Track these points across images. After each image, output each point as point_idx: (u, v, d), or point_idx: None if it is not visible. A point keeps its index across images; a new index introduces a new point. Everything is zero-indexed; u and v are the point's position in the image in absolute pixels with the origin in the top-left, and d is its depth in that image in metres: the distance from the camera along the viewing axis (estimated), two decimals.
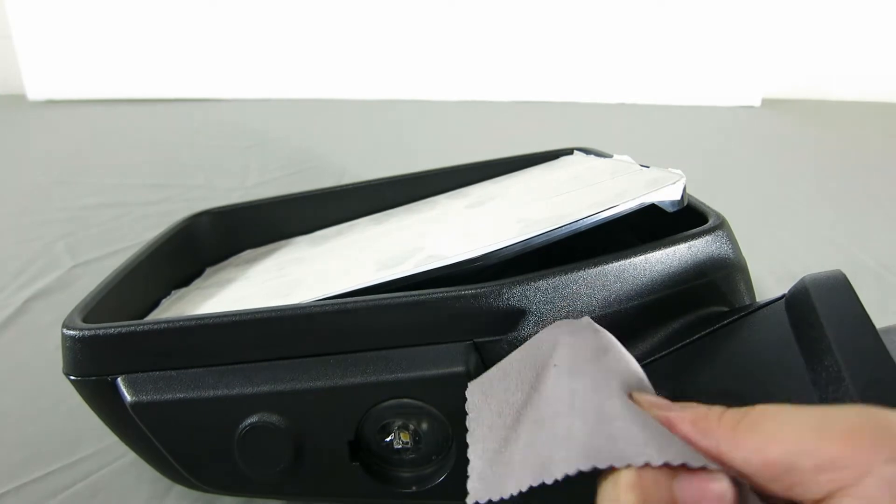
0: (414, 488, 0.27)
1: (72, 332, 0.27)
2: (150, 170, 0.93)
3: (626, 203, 0.28)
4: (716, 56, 1.34)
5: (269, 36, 1.34)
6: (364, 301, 0.26)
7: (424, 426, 0.27)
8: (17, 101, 1.30)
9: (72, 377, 0.28)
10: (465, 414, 0.25)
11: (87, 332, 0.27)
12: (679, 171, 0.31)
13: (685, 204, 0.30)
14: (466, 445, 0.22)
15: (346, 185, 0.45)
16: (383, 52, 1.36)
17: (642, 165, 0.35)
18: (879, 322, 0.23)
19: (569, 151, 0.46)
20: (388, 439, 0.27)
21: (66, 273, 0.62)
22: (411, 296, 0.26)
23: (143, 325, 0.27)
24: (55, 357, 0.29)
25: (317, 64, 1.36)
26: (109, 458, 0.39)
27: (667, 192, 0.29)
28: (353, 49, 1.36)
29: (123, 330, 0.27)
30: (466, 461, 0.26)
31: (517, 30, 1.35)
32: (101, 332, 0.27)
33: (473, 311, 0.25)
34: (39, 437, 0.41)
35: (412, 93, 1.37)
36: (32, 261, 0.65)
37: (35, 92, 1.31)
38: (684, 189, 0.30)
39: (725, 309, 0.29)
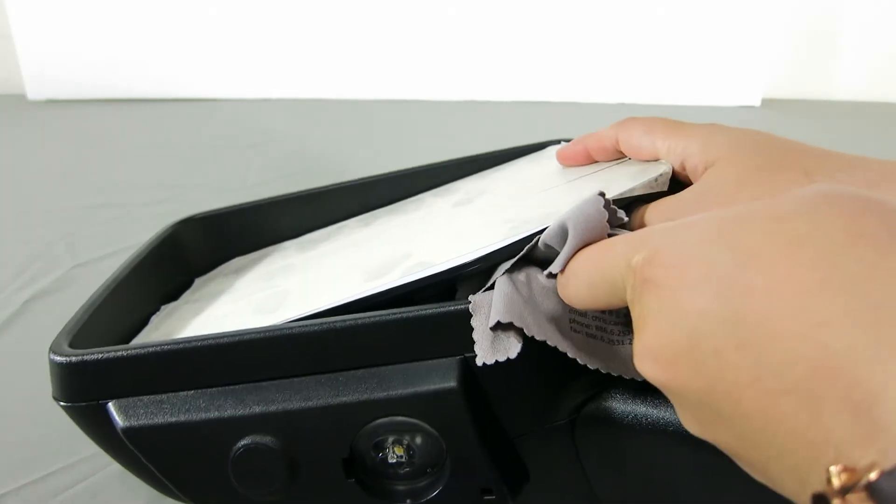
0: (409, 502, 0.27)
1: (60, 359, 0.27)
2: (151, 169, 0.93)
3: (612, 196, 0.28)
4: (716, 56, 1.34)
5: (269, 36, 1.34)
6: (353, 319, 0.26)
7: (418, 441, 0.27)
8: (17, 100, 1.30)
9: (61, 403, 0.28)
10: (459, 428, 0.25)
11: (74, 358, 0.27)
12: (665, 161, 0.30)
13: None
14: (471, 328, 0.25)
15: (334, 185, 0.45)
16: (383, 53, 1.36)
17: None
18: None
19: (556, 142, 0.46)
20: (381, 455, 0.27)
21: (67, 273, 0.63)
22: (400, 313, 0.26)
23: (132, 349, 0.27)
24: None
25: (317, 64, 1.36)
26: (109, 460, 0.38)
27: (654, 184, 0.29)
28: (354, 49, 1.36)
29: (112, 355, 0.27)
30: (461, 475, 0.26)
31: (517, 30, 1.35)
32: (88, 357, 0.27)
33: (463, 326, 0.25)
34: (40, 438, 0.41)
35: (412, 93, 1.37)
36: (33, 261, 0.65)
37: (35, 92, 1.31)
38: (670, 179, 0.30)
39: None
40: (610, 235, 0.23)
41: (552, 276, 0.24)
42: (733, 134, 0.28)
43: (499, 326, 0.24)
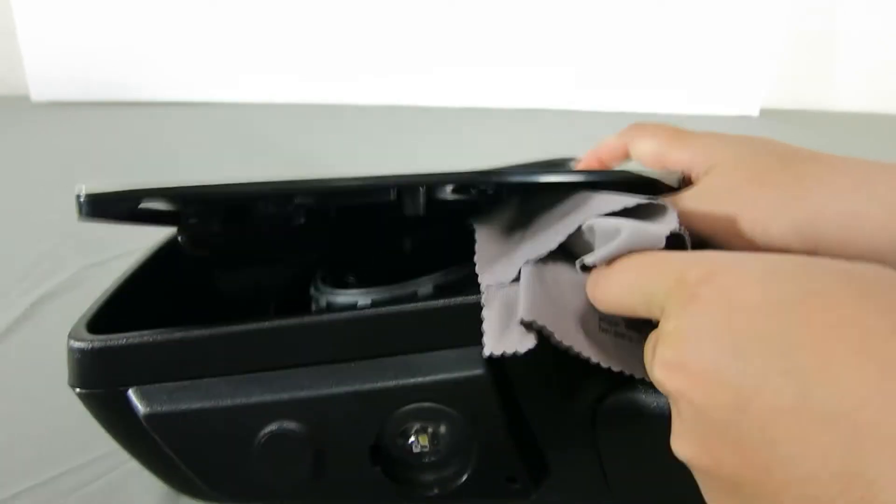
0: (436, 490, 0.28)
1: (80, 344, 0.27)
2: (155, 172, 0.93)
3: (631, 170, 0.30)
4: (714, 66, 1.35)
5: (271, 41, 1.35)
6: (383, 309, 0.26)
7: (444, 428, 0.27)
8: (21, 102, 1.30)
9: (78, 390, 0.28)
10: (487, 415, 0.26)
11: (96, 344, 0.27)
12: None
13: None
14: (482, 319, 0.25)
15: None
16: (385, 58, 1.37)
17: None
18: None
19: (559, 162, 0.46)
20: (408, 442, 0.27)
21: (75, 275, 0.63)
22: (430, 303, 0.26)
23: (157, 334, 0.27)
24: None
25: (318, 69, 1.36)
26: (123, 458, 0.38)
27: (667, 176, 0.30)
28: (354, 54, 1.36)
29: (136, 341, 0.27)
30: (487, 463, 0.27)
31: (517, 39, 1.35)
32: (111, 343, 0.27)
33: None
34: (53, 438, 0.41)
35: (413, 99, 1.37)
36: (40, 262, 0.65)
37: (39, 93, 1.31)
38: (681, 178, 0.30)
39: None
40: None
41: (585, 268, 0.23)
42: (732, 143, 0.29)
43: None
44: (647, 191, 0.30)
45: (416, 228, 0.35)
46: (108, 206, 0.26)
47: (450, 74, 1.38)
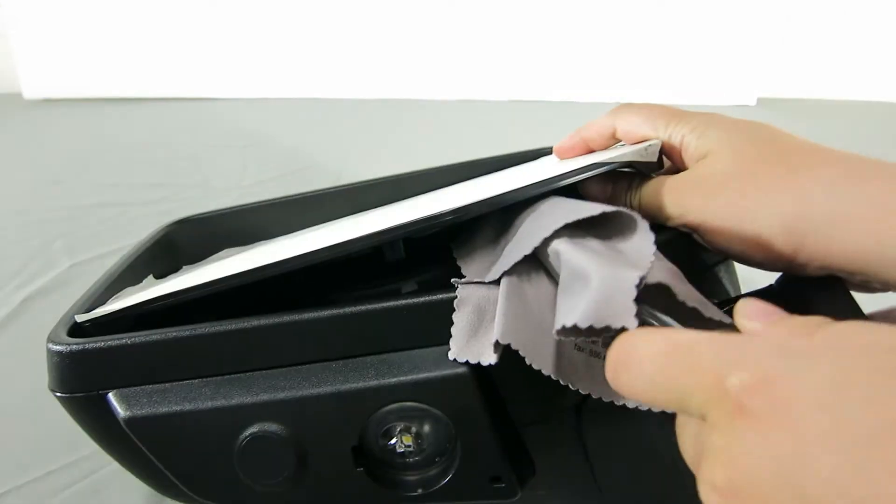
0: (420, 491, 0.27)
1: (59, 348, 0.26)
2: (147, 169, 0.93)
3: (602, 156, 0.29)
4: (711, 55, 1.34)
5: (266, 35, 1.34)
6: (362, 307, 0.26)
7: (427, 428, 0.27)
8: (14, 99, 1.29)
9: (58, 394, 0.27)
10: (470, 414, 0.25)
11: (75, 347, 0.26)
12: (657, 137, 0.31)
13: (663, 167, 0.31)
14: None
15: (327, 189, 0.45)
16: (381, 52, 1.36)
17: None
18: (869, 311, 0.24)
19: (548, 151, 0.46)
20: (391, 443, 0.27)
21: (64, 272, 0.63)
22: (411, 299, 0.26)
23: (136, 337, 0.26)
24: None
25: (315, 63, 1.36)
26: (110, 458, 0.39)
27: (643, 153, 0.29)
28: (352, 48, 1.36)
29: (114, 343, 0.26)
30: (471, 462, 0.26)
31: (514, 30, 1.35)
32: (90, 346, 0.26)
33: None
34: (40, 437, 0.41)
35: (410, 92, 1.37)
36: (30, 260, 0.65)
37: (31, 90, 1.31)
38: (660, 152, 0.30)
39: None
40: (644, 316, 0.20)
41: (565, 329, 0.21)
42: (728, 127, 0.28)
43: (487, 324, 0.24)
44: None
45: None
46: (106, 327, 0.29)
47: (446, 67, 1.37)
